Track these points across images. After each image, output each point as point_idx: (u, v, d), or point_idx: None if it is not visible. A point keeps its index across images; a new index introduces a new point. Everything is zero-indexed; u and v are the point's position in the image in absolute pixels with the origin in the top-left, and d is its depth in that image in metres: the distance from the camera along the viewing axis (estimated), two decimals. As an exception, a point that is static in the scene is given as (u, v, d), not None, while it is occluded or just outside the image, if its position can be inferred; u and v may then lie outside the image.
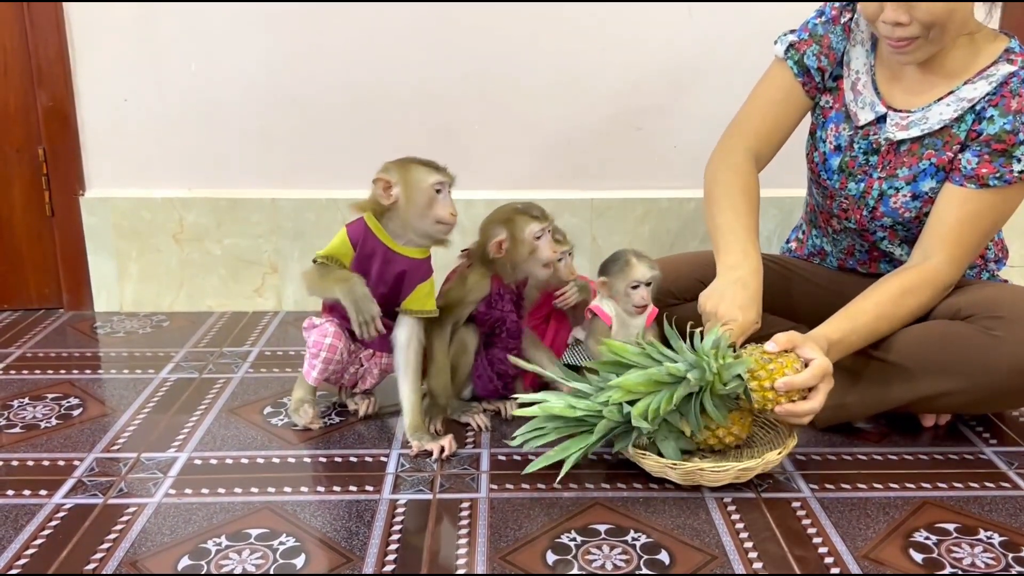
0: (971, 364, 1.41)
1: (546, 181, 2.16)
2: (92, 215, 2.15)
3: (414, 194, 1.48)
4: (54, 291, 2.22)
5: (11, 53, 2.06)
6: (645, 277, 1.56)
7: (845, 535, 1.24)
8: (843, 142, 1.57)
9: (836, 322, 1.41)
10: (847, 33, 1.57)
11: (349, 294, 1.44)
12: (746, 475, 1.35)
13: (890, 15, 1.38)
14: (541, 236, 1.55)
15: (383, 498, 1.33)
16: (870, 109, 1.53)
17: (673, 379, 1.30)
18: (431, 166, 1.51)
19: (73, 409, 1.65)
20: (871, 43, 1.56)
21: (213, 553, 1.19)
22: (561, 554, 1.19)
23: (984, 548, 1.21)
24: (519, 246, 1.54)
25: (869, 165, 1.55)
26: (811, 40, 1.58)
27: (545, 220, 1.56)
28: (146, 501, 1.32)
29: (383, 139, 2.13)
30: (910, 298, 1.45)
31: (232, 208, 2.15)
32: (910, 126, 1.50)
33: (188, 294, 2.21)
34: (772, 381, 1.30)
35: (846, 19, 1.57)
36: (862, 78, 1.56)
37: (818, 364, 1.31)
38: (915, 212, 1.52)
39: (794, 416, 1.32)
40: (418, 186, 1.48)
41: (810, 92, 1.61)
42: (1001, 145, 1.41)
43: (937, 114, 1.48)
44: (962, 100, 1.46)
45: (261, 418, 1.61)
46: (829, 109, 1.60)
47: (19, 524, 1.26)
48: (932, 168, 1.49)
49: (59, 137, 2.11)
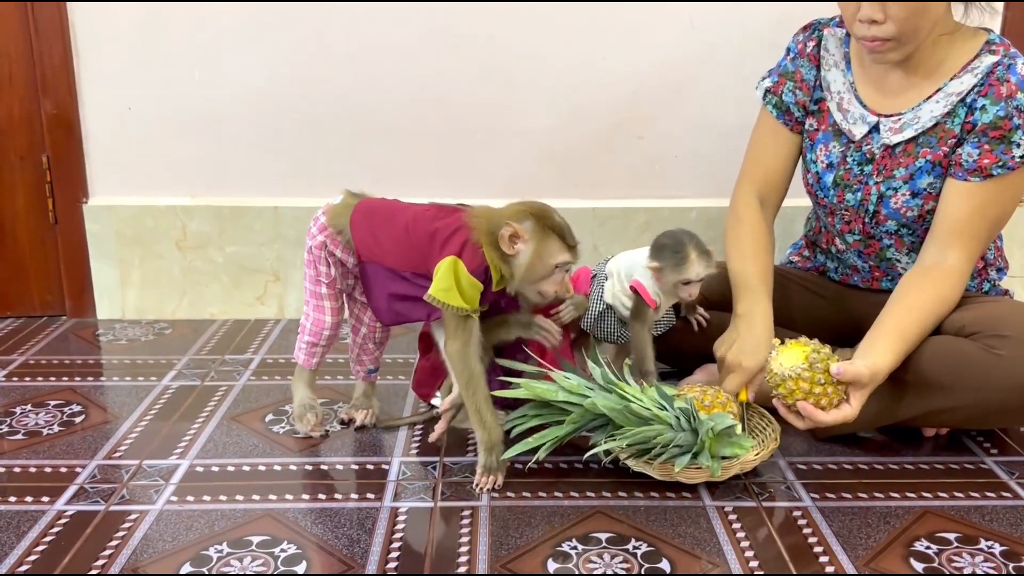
0: (976, 382, 1.41)
1: (548, 190, 2.16)
2: (95, 222, 2.16)
3: (537, 263, 1.37)
4: (57, 298, 2.22)
5: (15, 61, 2.07)
6: (700, 276, 1.54)
7: (846, 544, 1.24)
8: (835, 159, 1.59)
9: (893, 347, 1.40)
10: (815, 62, 1.62)
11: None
12: (724, 474, 1.36)
13: (866, 12, 1.40)
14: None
15: (384, 506, 1.34)
16: (862, 122, 1.55)
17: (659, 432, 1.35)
18: (566, 242, 1.38)
19: (75, 416, 1.65)
20: (845, 62, 1.59)
21: (215, 560, 1.19)
22: (562, 562, 1.19)
23: (985, 557, 1.21)
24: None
25: (864, 174, 1.56)
26: (784, 79, 1.65)
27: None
28: (148, 508, 1.32)
29: (385, 147, 2.14)
30: (941, 305, 1.46)
31: (235, 216, 2.16)
32: (904, 127, 1.51)
33: (190, 302, 2.21)
34: (805, 398, 1.34)
35: (811, 48, 1.62)
36: (845, 96, 1.58)
37: (846, 414, 1.35)
38: (917, 210, 1.52)
39: (801, 419, 1.37)
40: (545, 259, 1.37)
41: (795, 129, 1.66)
42: (998, 132, 1.42)
43: (928, 112, 1.49)
44: (951, 95, 1.47)
45: (263, 425, 1.61)
46: (815, 131, 1.62)
47: (21, 530, 1.26)
48: (928, 165, 1.50)
49: (63, 145, 2.12)
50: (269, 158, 2.15)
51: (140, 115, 2.11)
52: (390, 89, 2.10)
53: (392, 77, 2.09)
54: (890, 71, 1.53)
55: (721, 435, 1.35)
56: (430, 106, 2.11)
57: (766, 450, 1.40)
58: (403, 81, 2.10)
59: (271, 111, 2.12)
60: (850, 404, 1.35)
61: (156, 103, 2.11)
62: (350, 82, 2.10)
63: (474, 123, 2.13)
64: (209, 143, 2.14)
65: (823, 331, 1.56)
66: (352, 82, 2.10)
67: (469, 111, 2.12)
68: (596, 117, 2.13)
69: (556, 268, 1.38)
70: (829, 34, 1.61)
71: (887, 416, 1.49)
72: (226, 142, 2.14)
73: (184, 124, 2.12)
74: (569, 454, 1.46)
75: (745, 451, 1.35)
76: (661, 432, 1.33)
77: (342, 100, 2.11)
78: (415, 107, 2.11)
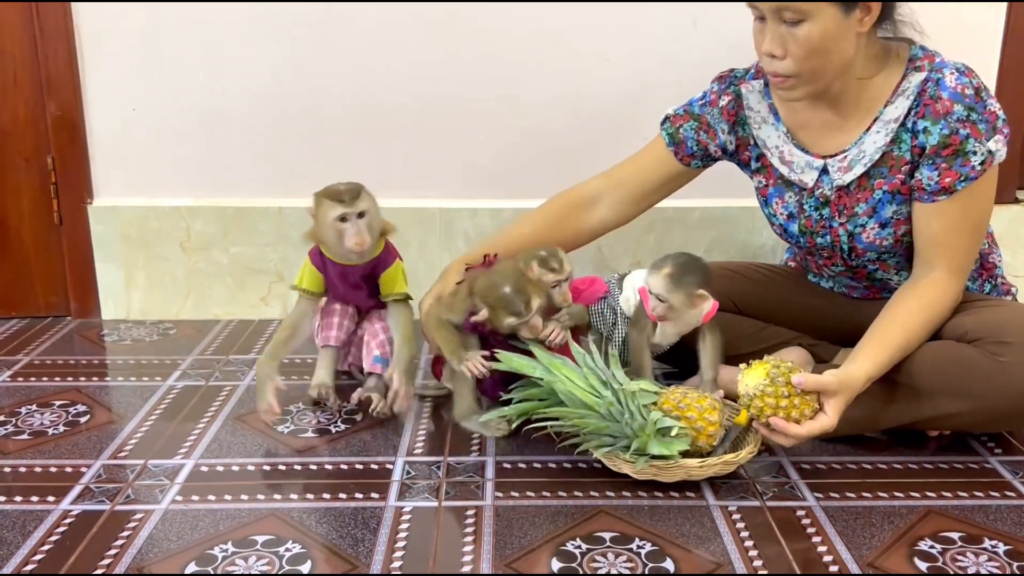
0: (979, 388, 1.41)
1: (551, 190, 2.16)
2: (100, 224, 2.16)
3: (322, 228, 1.58)
4: (62, 299, 2.23)
5: (20, 63, 2.07)
6: (657, 292, 1.51)
7: (850, 543, 1.24)
8: (793, 209, 1.59)
9: (873, 354, 1.40)
10: (730, 118, 1.62)
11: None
12: (699, 473, 1.37)
13: (766, 46, 1.41)
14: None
15: (388, 505, 1.34)
16: (809, 168, 1.54)
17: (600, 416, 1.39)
18: (336, 198, 1.56)
19: (80, 416, 1.65)
20: (772, 115, 1.58)
21: (219, 559, 1.19)
22: (566, 561, 1.19)
23: (989, 557, 1.21)
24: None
25: (825, 218, 1.56)
26: (688, 117, 1.66)
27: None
28: (153, 508, 1.33)
29: (389, 148, 2.14)
30: (929, 312, 1.45)
31: (239, 217, 2.17)
32: (852, 164, 1.50)
33: (195, 302, 2.22)
34: (774, 413, 1.33)
35: (726, 102, 1.62)
36: (784, 148, 1.57)
37: (823, 424, 1.33)
38: (891, 238, 1.52)
39: (782, 436, 1.36)
40: (324, 220, 1.57)
41: (683, 160, 1.67)
42: (950, 149, 1.41)
43: (872, 143, 1.48)
44: (889, 122, 1.46)
45: (267, 425, 1.61)
46: (765, 188, 1.63)
47: (27, 530, 1.27)
48: (887, 195, 1.49)
49: (68, 146, 2.12)
50: (273, 159, 2.15)
51: (145, 116, 2.12)
52: (393, 90, 2.11)
53: (396, 78, 2.10)
54: (819, 111, 1.52)
55: (659, 433, 1.35)
56: (434, 108, 2.12)
57: (737, 458, 1.38)
58: (407, 83, 2.10)
59: (275, 112, 2.12)
60: (827, 414, 1.34)
61: (160, 104, 2.11)
62: (355, 82, 2.10)
63: (479, 123, 2.13)
64: (213, 144, 2.14)
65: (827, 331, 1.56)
66: (356, 83, 2.10)
67: (474, 111, 2.12)
68: (599, 117, 2.13)
69: (341, 223, 1.55)
70: (747, 91, 1.60)
71: (889, 421, 1.49)
72: (230, 143, 2.14)
73: (188, 125, 2.13)
74: (572, 454, 1.46)
75: (673, 454, 1.34)
76: (586, 416, 1.37)
77: (346, 101, 2.11)
78: (419, 108, 2.12)
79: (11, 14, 2.04)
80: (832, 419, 1.34)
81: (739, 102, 1.61)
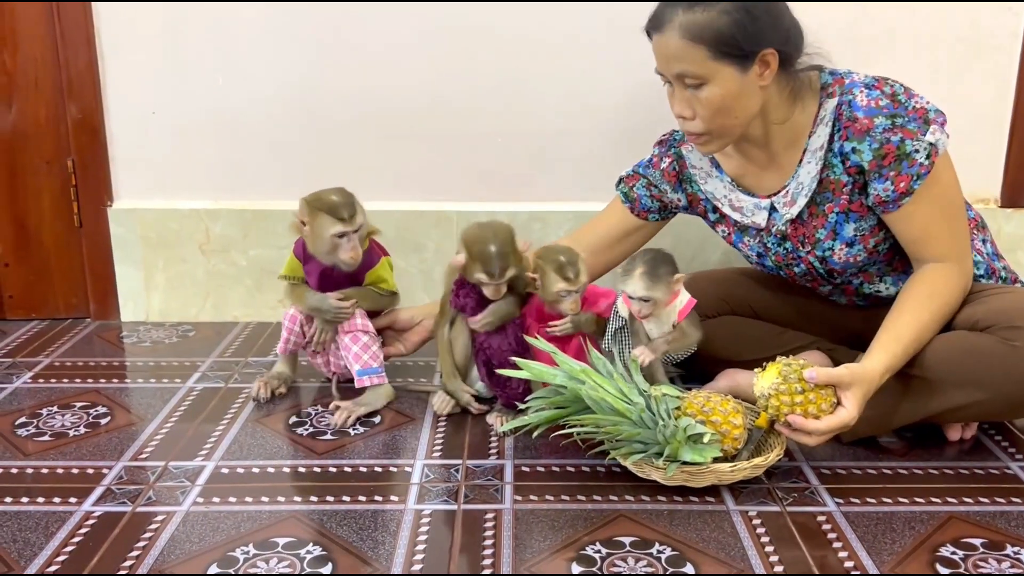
0: (993, 375, 1.41)
1: (563, 193, 2.17)
2: (120, 226, 2.18)
3: (318, 241, 1.62)
4: (82, 301, 2.25)
5: (42, 66, 2.09)
6: (637, 294, 1.50)
7: (871, 549, 1.23)
8: (759, 249, 1.64)
9: (886, 346, 1.40)
10: (673, 179, 1.69)
11: (305, 308, 1.71)
12: (730, 478, 1.37)
13: (676, 108, 1.48)
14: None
15: (408, 508, 1.34)
16: (758, 209, 1.59)
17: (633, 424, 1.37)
18: (336, 215, 1.59)
19: (101, 418, 1.66)
20: (715, 168, 1.63)
21: (241, 561, 1.20)
22: (586, 566, 1.19)
23: (1012, 563, 1.20)
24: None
25: (790, 251, 1.59)
26: (638, 177, 1.74)
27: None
28: (174, 509, 1.33)
29: (407, 152, 2.15)
30: (938, 299, 1.46)
31: (258, 219, 2.17)
32: (795, 197, 1.54)
33: (214, 304, 2.23)
34: (792, 410, 1.34)
35: (667, 164, 1.69)
36: (731, 195, 1.62)
37: (843, 418, 1.34)
38: (864, 253, 1.54)
39: (804, 434, 1.36)
40: (320, 234, 1.60)
41: (640, 215, 1.75)
42: (890, 158, 1.43)
43: (807, 174, 1.51)
44: (816, 151, 1.50)
45: (286, 427, 1.62)
46: (728, 236, 1.68)
47: (50, 531, 1.27)
48: (842, 216, 1.51)
49: (88, 149, 2.14)
50: (292, 161, 2.16)
51: (164, 119, 2.13)
52: (408, 94, 2.11)
53: (409, 82, 2.10)
54: (753, 156, 1.57)
55: (690, 440, 1.35)
56: (453, 110, 2.12)
57: (766, 461, 1.38)
58: (425, 85, 2.10)
59: (294, 115, 2.13)
60: (845, 407, 1.34)
61: (180, 107, 2.12)
62: (373, 85, 2.11)
63: (496, 127, 2.14)
64: (232, 147, 2.15)
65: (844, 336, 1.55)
66: (375, 85, 2.11)
67: (481, 116, 2.13)
68: (608, 121, 2.13)
69: (338, 239, 1.60)
70: (687, 151, 1.66)
71: (906, 416, 1.49)
72: (249, 146, 2.15)
73: (208, 128, 2.14)
74: (591, 458, 1.46)
75: (706, 461, 1.34)
76: (618, 424, 1.36)
77: (365, 104, 2.12)
78: (438, 111, 2.12)
79: (33, 17, 2.06)
80: (852, 411, 1.34)
81: (681, 162, 1.68)
